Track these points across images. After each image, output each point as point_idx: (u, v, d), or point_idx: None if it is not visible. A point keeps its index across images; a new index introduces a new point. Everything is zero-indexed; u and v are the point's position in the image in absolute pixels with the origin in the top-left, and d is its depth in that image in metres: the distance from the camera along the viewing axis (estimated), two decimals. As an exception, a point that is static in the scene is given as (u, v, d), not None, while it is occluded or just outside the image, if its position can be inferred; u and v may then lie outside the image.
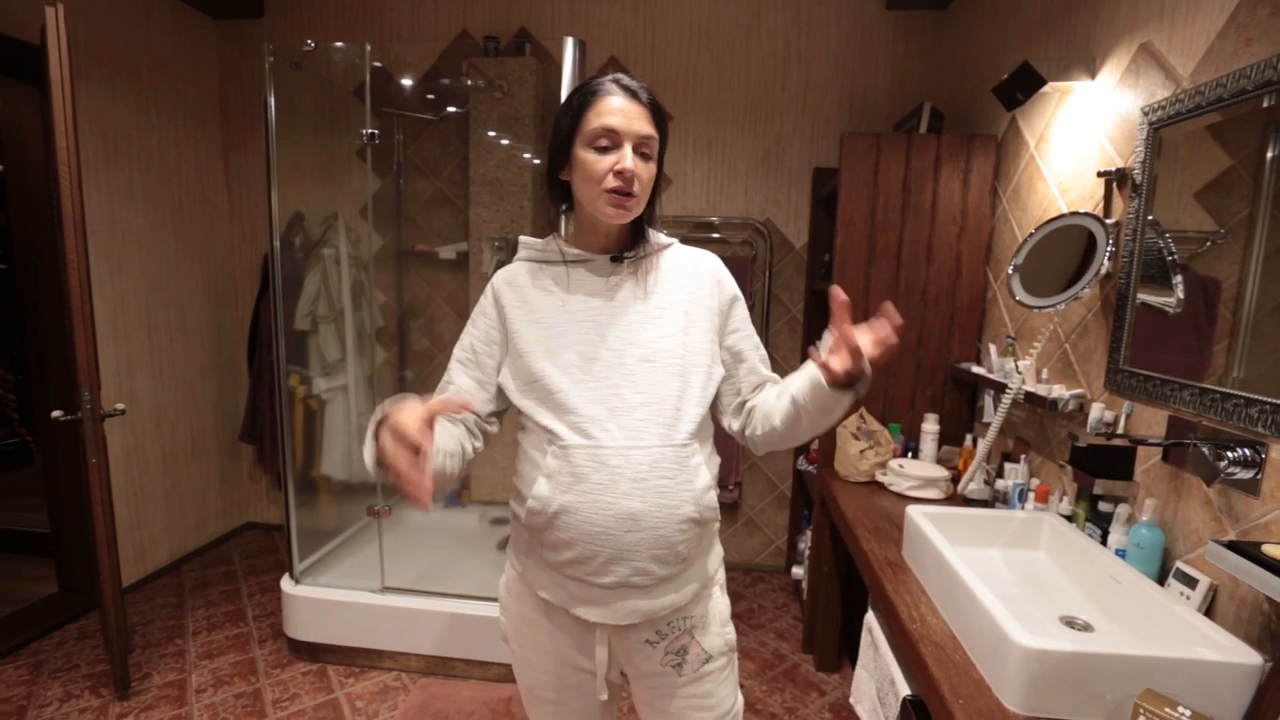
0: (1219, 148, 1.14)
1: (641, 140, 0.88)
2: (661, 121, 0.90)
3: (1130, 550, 1.19)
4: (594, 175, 0.87)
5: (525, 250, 1.01)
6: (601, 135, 0.86)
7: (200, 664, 2.11)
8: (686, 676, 0.95)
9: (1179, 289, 1.21)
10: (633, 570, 0.87)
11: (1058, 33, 1.67)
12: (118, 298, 2.45)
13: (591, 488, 0.85)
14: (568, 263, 0.96)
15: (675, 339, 0.92)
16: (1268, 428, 0.98)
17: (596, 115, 0.87)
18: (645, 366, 0.89)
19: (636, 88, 0.88)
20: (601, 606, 0.90)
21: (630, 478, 0.85)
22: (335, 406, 2.76)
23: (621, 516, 0.85)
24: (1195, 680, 0.86)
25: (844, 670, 2.15)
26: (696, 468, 0.90)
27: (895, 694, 1.20)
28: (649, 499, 0.85)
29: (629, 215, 0.91)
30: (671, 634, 0.94)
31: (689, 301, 0.95)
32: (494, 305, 0.98)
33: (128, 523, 2.51)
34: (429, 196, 2.87)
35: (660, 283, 0.95)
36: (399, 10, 2.77)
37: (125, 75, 2.45)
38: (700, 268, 0.99)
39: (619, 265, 0.95)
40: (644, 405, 0.88)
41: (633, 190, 0.88)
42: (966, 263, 1.98)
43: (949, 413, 2.05)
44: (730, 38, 2.63)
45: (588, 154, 0.88)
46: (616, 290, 0.94)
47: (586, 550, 0.86)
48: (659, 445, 0.87)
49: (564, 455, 0.86)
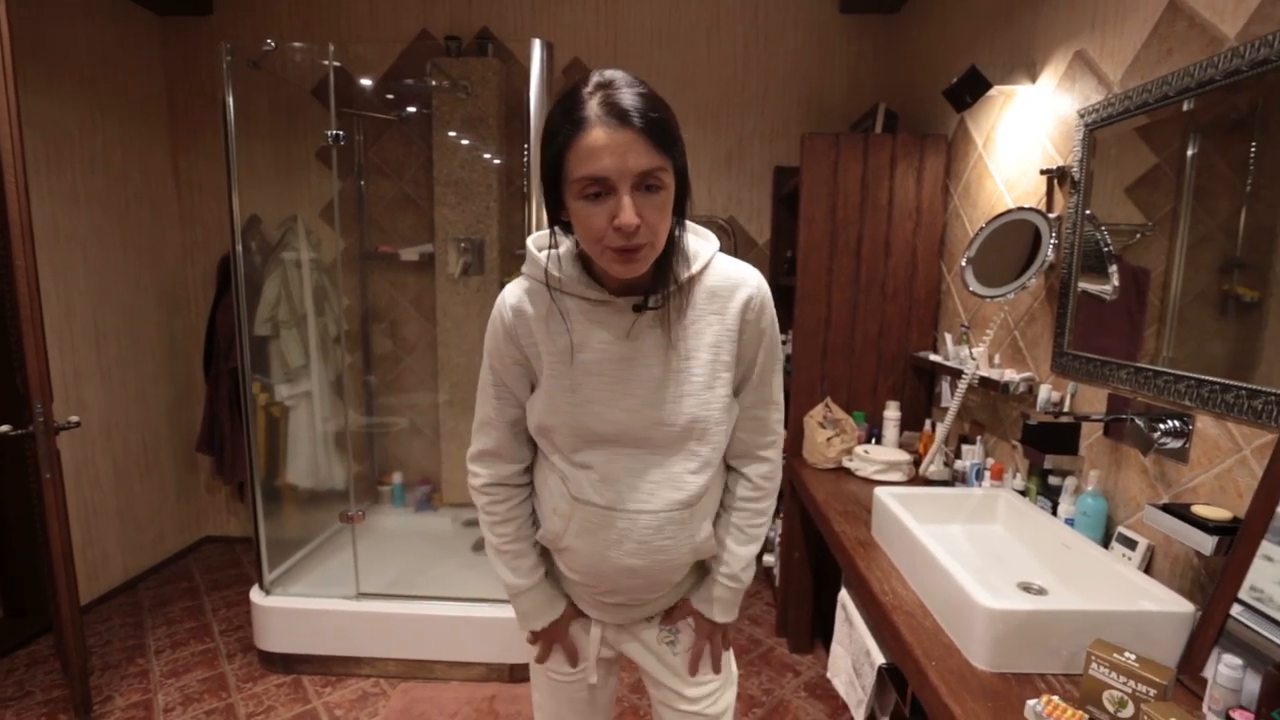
0: (1146, 147, 1.24)
1: (642, 177, 0.70)
2: (668, 142, 0.72)
3: (1078, 519, 1.29)
4: (590, 232, 0.73)
5: (534, 268, 0.86)
6: (589, 185, 0.71)
7: (166, 683, 2.04)
8: (681, 653, 0.99)
9: (1114, 277, 1.32)
10: (631, 599, 0.93)
11: (1001, 38, 1.78)
12: (63, 306, 2.35)
13: (597, 542, 0.87)
14: (584, 299, 0.83)
15: (698, 397, 0.84)
16: (1194, 400, 1.08)
17: (579, 160, 0.70)
18: (662, 431, 0.84)
19: (627, 106, 0.69)
20: (601, 612, 0.97)
21: (635, 540, 0.86)
22: (299, 413, 2.70)
23: (622, 569, 0.88)
24: (1138, 630, 0.95)
25: (816, 651, 2.24)
26: (700, 521, 0.89)
27: (871, 664, 1.27)
28: (650, 558, 0.87)
29: (641, 267, 0.76)
30: (666, 619, 0.99)
31: (717, 347, 0.85)
32: (509, 341, 0.87)
33: (79, 541, 2.40)
34: (392, 198, 2.83)
35: (688, 325, 0.84)
36: (356, 9, 2.73)
37: (65, 73, 2.34)
38: (734, 300, 0.85)
39: (641, 313, 0.83)
40: (658, 467, 0.85)
41: (638, 243, 0.73)
42: (922, 257, 2.09)
43: (909, 399, 2.15)
44: (691, 40, 2.69)
45: (578, 205, 0.73)
46: (638, 338, 0.83)
47: (591, 580, 0.91)
48: (666, 509, 0.86)
49: (574, 505, 0.87)
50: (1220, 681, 0.84)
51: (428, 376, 2.91)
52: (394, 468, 2.96)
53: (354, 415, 2.89)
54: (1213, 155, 1.10)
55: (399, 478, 2.93)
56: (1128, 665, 0.85)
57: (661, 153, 0.71)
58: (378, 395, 2.95)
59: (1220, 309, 1.08)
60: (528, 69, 1.88)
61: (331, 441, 2.78)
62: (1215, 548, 0.95)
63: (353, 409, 2.88)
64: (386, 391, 2.95)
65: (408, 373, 2.93)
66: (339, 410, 2.78)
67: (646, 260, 0.76)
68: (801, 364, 2.15)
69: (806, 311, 2.12)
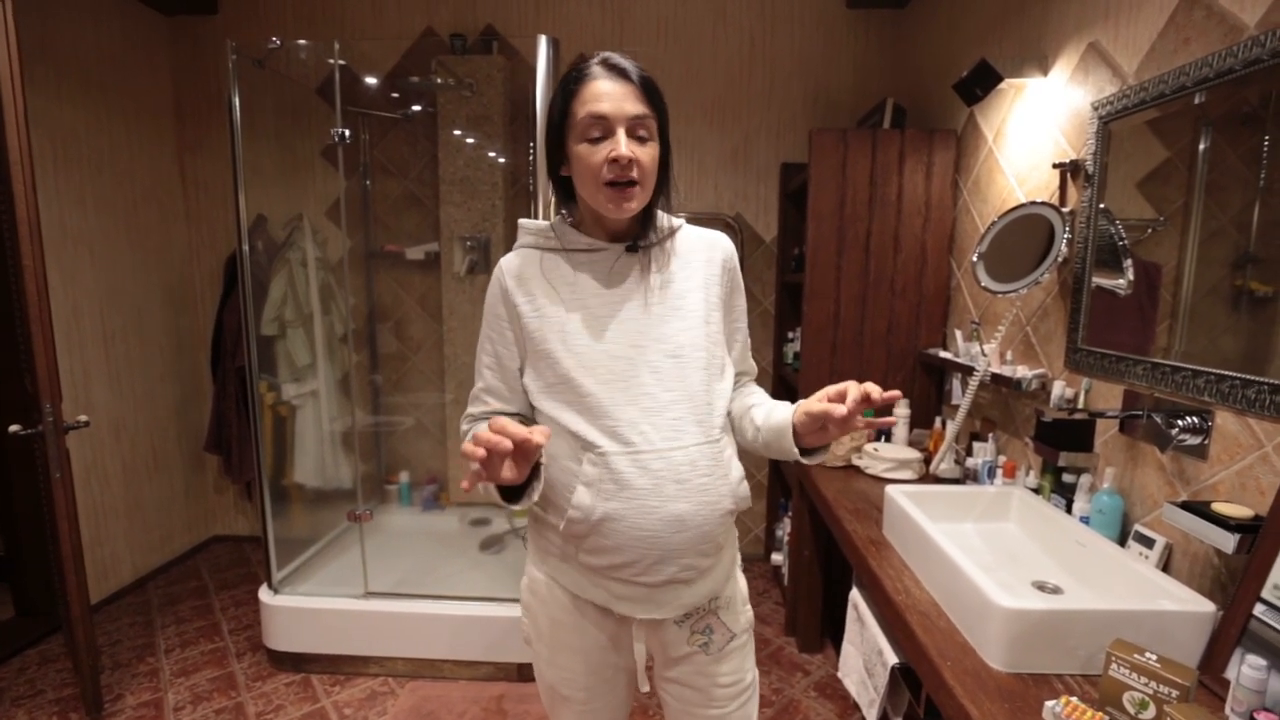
0: (1158, 141, 1.22)
1: (635, 121, 0.82)
2: (656, 99, 0.85)
3: (1093, 516, 1.27)
4: (590, 169, 0.83)
5: (528, 236, 0.95)
6: (591, 125, 0.82)
7: (176, 681, 2.05)
8: (713, 655, 0.95)
9: (1129, 272, 1.30)
10: (680, 568, 0.87)
11: (1010, 31, 1.76)
12: (70, 307, 2.35)
13: (636, 493, 0.83)
14: (578, 251, 0.91)
15: (698, 330, 0.90)
16: (1213, 396, 1.06)
17: (582, 104, 0.82)
18: (672, 363, 0.87)
19: (625, 65, 0.83)
20: (647, 603, 0.89)
21: (673, 480, 0.84)
22: (306, 413, 2.70)
23: (669, 519, 0.84)
24: (1157, 629, 0.94)
25: (825, 651, 2.22)
26: (730, 460, 0.90)
27: (884, 664, 1.26)
28: (694, 499, 0.85)
29: (634, 207, 0.85)
30: (697, 614, 0.94)
31: (706, 288, 0.93)
32: (503, 303, 0.93)
33: (88, 541, 2.41)
34: (397, 196, 2.83)
35: (677, 269, 0.92)
36: (360, 8, 2.72)
37: (72, 75, 2.34)
38: (714, 252, 0.96)
39: (633, 255, 0.91)
40: (676, 403, 0.86)
41: (632, 177, 0.83)
42: (931, 252, 2.07)
43: (918, 397, 2.13)
44: (697, 36, 2.67)
45: (581, 147, 0.84)
46: (633, 282, 0.90)
47: (634, 554, 0.85)
48: (695, 444, 0.86)
49: (603, 462, 0.84)
50: (1243, 683, 0.82)
51: (434, 375, 2.91)
52: (401, 467, 2.96)
53: (360, 414, 2.89)
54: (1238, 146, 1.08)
55: (406, 477, 2.93)
56: (1149, 666, 0.83)
57: (651, 106, 0.84)
58: (384, 394, 2.95)
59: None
60: (533, 66, 1.86)
61: (338, 441, 2.78)
62: (1237, 546, 0.93)
63: (359, 408, 2.88)
64: (393, 390, 2.95)
65: (414, 371, 2.93)
66: (346, 409, 2.78)
67: (636, 200, 0.85)
68: (810, 360, 2.13)
69: (815, 307, 2.10)
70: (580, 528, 0.86)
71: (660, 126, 0.86)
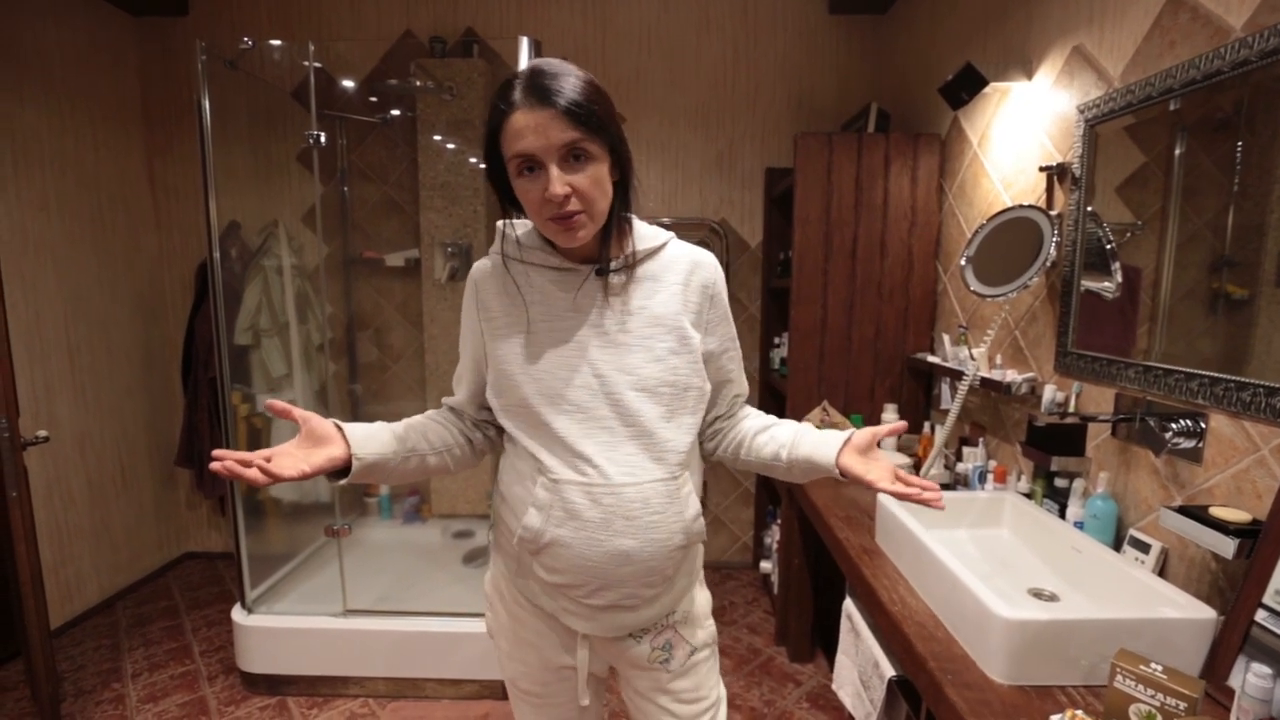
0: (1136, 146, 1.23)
1: (565, 148, 0.75)
2: (586, 114, 0.75)
3: (1087, 521, 1.26)
4: (530, 205, 0.79)
5: (503, 243, 0.90)
6: (521, 163, 0.77)
7: (143, 708, 1.95)
8: (674, 671, 0.95)
9: (1117, 274, 1.29)
10: (623, 595, 0.87)
11: (994, 36, 1.76)
12: (32, 316, 2.25)
13: (584, 525, 0.83)
14: (547, 268, 0.87)
15: (665, 363, 0.85)
16: (1207, 399, 1.06)
17: (509, 141, 0.76)
18: (635, 396, 0.84)
19: (548, 85, 0.74)
20: (591, 621, 0.90)
21: (623, 516, 0.83)
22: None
23: (614, 554, 0.83)
24: (1158, 637, 0.92)
25: (817, 660, 2.19)
26: (687, 497, 0.88)
27: (880, 676, 1.23)
28: (641, 536, 0.83)
29: (584, 236, 0.80)
30: (655, 629, 0.94)
31: (680, 314, 0.87)
32: (475, 305, 0.92)
33: (50, 562, 2.30)
34: (376, 202, 2.77)
35: (650, 295, 0.87)
36: (337, 9, 2.66)
37: (34, 75, 2.26)
38: (696, 274, 0.90)
39: (602, 278, 0.86)
40: (635, 438, 0.84)
41: (571, 210, 0.77)
42: (918, 257, 2.06)
43: (907, 402, 2.12)
44: (680, 41, 2.66)
45: (518, 182, 0.79)
46: (602, 306, 0.85)
47: (578, 579, 0.85)
48: (651, 480, 0.84)
49: (555, 489, 0.83)
50: (1249, 691, 0.80)
51: (415, 384, 2.84)
52: (381, 478, 2.88)
53: (339, 425, 2.81)
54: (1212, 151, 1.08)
55: (386, 489, 2.86)
56: (1155, 678, 0.81)
57: (581, 127, 0.75)
58: (363, 404, 2.87)
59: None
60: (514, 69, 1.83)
61: (316, 453, 2.70)
62: (1236, 551, 0.92)
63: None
64: (372, 400, 2.87)
65: (394, 381, 2.86)
66: (324, 420, 2.70)
67: (584, 228, 0.80)
68: (798, 367, 2.11)
69: (802, 314, 2.09)
70: (530, 546, 0.87)
71: (605, 140, 0.78)
